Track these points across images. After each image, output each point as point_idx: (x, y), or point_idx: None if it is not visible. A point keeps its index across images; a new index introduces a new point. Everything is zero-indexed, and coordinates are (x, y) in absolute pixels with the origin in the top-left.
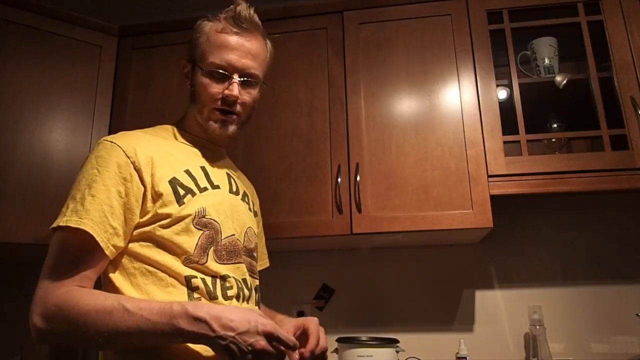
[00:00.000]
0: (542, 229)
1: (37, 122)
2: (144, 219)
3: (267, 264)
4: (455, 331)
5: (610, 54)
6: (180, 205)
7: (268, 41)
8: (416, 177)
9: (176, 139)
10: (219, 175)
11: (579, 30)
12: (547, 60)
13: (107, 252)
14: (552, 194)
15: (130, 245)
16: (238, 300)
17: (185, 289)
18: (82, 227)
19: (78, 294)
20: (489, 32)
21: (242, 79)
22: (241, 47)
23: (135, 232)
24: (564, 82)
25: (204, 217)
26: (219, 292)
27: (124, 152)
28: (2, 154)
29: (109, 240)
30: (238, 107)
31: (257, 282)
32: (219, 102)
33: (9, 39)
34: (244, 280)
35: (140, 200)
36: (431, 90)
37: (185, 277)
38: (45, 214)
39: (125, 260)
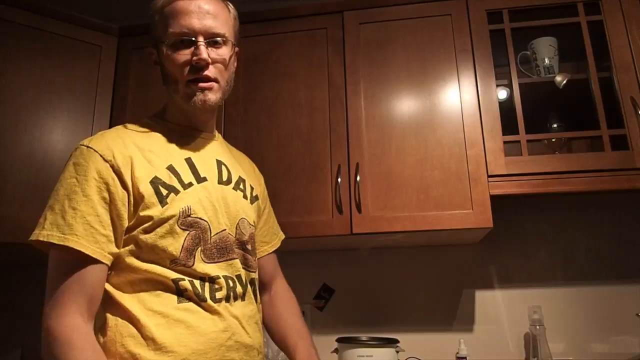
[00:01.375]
0: (542, 229)
1: (37, 122)
2: (130, 223)
3: (277, 245)
4: (455, 331)
5: (610, 54)
6: (163, 207)
7: (229, 4)
8: (416, 177)
9: (158, 131)
10: (207, 164)
11: (579, 30)
12: (547, 60)
13: (104, 261)
14: (552, 194)
15: (120, 251)
16: (228, 302)
17: (174, 293)
18: (66, 244)
19: (74, 342)
20: (489, 32)
21: (207, 40)
22: (199, 9)
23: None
24: (564, 82)
25: (189, 216)
26: (207, 295)
27: (101, 156)
28: (2, 154)
29: (103, 249)
30: (213, 71)
31: (253, 275)
32: (190, 71)
33: (9, 39)
34: (238, 276)
35: (127, 204)
36: (431, 90)
37: (173, 280)
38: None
39: (115, 267)
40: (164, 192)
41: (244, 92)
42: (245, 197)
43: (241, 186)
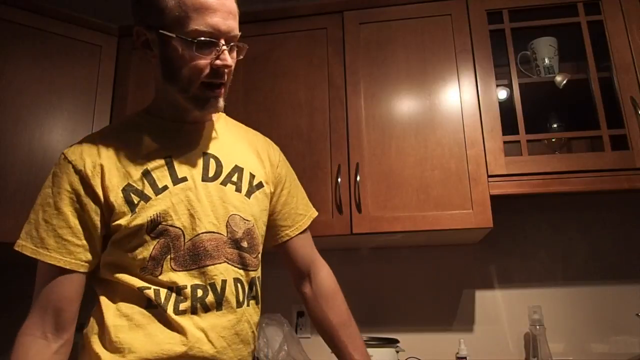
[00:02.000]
0: (542, 229)
1: (37, 122)
2: (105, 232)
3: (303, 227)
4: (455, 331)
5: (610, 54)
6: (132, 215)
7: None
8: (416, 177)
9: (142, 129)
10: (189, 161)
11: (579, 30)
12: (547, 60)
13: (80, 270)
14: (552, 194)
15: (101, 257)
16: (195, 313)
17: (142, 300)
18: (37, 257)
19: (19, 352)
20: (489, 32)
21: (229, 44)
22: (223, 7)
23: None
24: (564, 82)
25: (159, 224)
26: (170, 306)
27: (73, 167)
28: (2, 154)
29: (78, 259)
30: (226, 76)
31: (252, 274)
32: (208, 75)
33: (9, 39)
34: (213, 284)
35: (99, 214)
36: (431, 90)
37: (139, 288)
38: None
39: (97, 275)
40: (135, 200)
41: (243, 92)
42: (238, 189)
43: (234, 178)
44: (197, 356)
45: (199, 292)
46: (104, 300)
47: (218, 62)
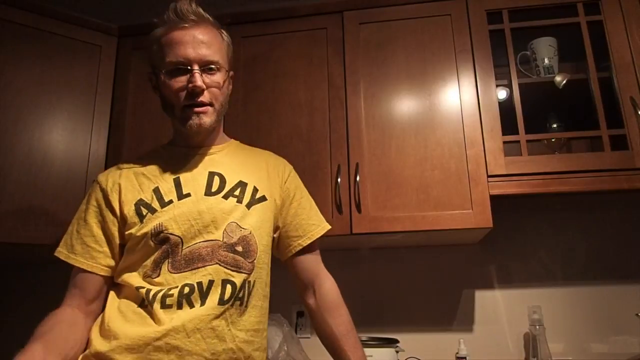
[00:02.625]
0: (542, 229)
1: (37, 122)
2: (121, 241)
3: (312, 239)
4: (455, 331)
5: (610, 54)
6: (141, 225)
7: (223, 31)
8: (416, 177)
9: (161, 156)
10: (195, 180)
11: (579, 30)
12: (547, 60)
13: (101, 273)
14: (552, 194)
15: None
16: (180, 308)
17: (138, 298)
18: (68, 260)
19: (46, 319)
20: (488, 32)
21: (202, 67)
22: (192, 39)
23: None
24: (564, 82)
25: (161, 232)
26: (157, 301)
27: (99, 186)
28: (2, 154)
29: (99, 263)
30: (207, 96)
31: (244, 277)
32: (186, 97)
33: (9, 39)
34: (200, 283)
35: (116, 225)
36: (431, 90)
37: (136, 287)
38: (45, 214)
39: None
40: (144, 212)
41: (243, 92)
42: (239, 201)
43: (236, 192)
44: (172, 345)
45: (186, 289)
46: (110, 296)
47: (190, 84)
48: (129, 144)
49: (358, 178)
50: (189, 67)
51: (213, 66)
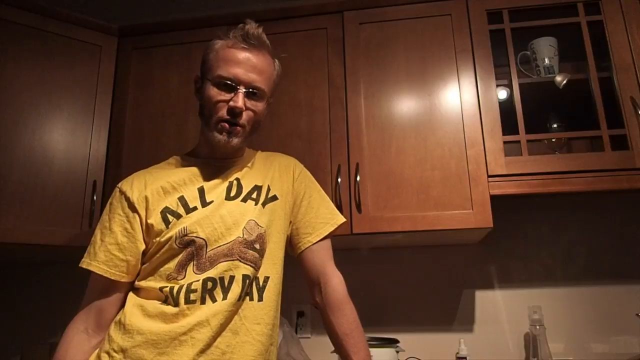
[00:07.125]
0: (542, 229)
1: (37, 122)
2: (146, 247)
3: (323, 234)
4: (455, 331)
5: (610, 54)
6: (167, 229)
7: (276, 60)
8: (416, 177)
9: (185, 166)
10: (217, 190)
11: (579, 30)
12: (547, 60)
13: (122, 280)
14: (552, 194)
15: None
16: (204, 303)
17: (161, 298)
18: (89, 268)
19: (62, 342)
20: (489, 32)
21: (247, 90)
22: (248, 62)
23: None
24: (564, 82)
25: (186, 235)
26: (182, 298)
27: (124, 196)
28: (2, 154)
29: (121, 271)
30: (243, 119)
31: (261, 272)
32: (225, 112)
33: (9, 39)
34: (222, 278)
35: (142, 234)
36: (431, 90)
37: (159, 288)
38: (45, 214)
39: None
40: (170, 218)
41: None
42: (256, 202)
43: (253, 195)
44: (196, 338)
45: (209, 285)
46: (130, 296)
47: (232, 103)
48: (129, 144)
49: (358, 178)
50: (235, 86)
51: (258, 92)
